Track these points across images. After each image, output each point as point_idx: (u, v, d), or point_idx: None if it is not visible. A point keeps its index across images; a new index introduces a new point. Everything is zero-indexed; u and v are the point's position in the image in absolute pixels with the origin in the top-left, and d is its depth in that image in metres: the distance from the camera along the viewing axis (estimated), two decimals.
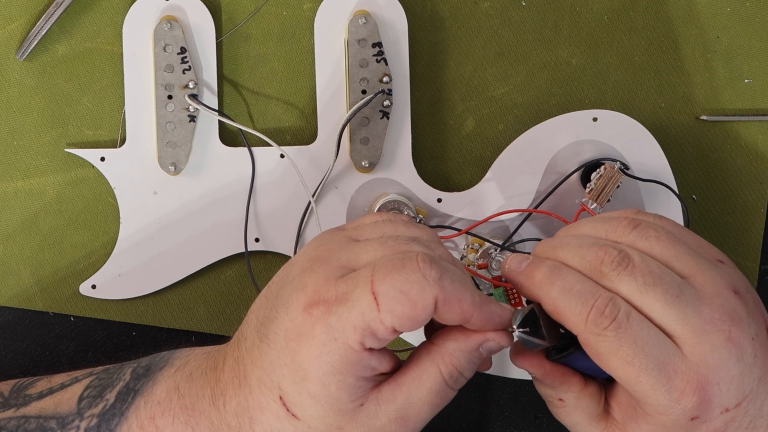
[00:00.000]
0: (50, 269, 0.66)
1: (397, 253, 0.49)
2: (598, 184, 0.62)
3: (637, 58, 0.66)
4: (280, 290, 0.51)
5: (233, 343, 0.53)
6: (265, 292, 0.52)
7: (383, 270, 0.48)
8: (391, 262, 0.48)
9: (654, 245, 0.50)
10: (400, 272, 0.48)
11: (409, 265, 0.48)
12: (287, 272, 0.51)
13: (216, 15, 0.65)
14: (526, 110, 0.66)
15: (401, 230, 0.51)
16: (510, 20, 0.66)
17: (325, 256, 0.50)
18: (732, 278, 0.51)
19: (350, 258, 0.50)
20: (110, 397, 0.54)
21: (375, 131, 0.64)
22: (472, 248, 0.64)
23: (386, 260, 0.48)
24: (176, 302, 0.66)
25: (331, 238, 0.51)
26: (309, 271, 0.50)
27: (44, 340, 0.66)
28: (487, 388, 0.67)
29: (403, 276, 0.48)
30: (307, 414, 0.49)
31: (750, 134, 0.67)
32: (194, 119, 0.64)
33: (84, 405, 0.54)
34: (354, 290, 0.48)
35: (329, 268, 0.49)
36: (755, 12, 0.66)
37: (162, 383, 0.53)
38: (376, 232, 0.51)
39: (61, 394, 0.56)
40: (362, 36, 0.63)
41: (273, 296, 0.51)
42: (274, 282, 0.52)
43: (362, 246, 0.50)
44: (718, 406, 0.49)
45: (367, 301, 0.48)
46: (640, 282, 0.49)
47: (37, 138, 0.66)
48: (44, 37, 0.65)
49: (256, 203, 0.65)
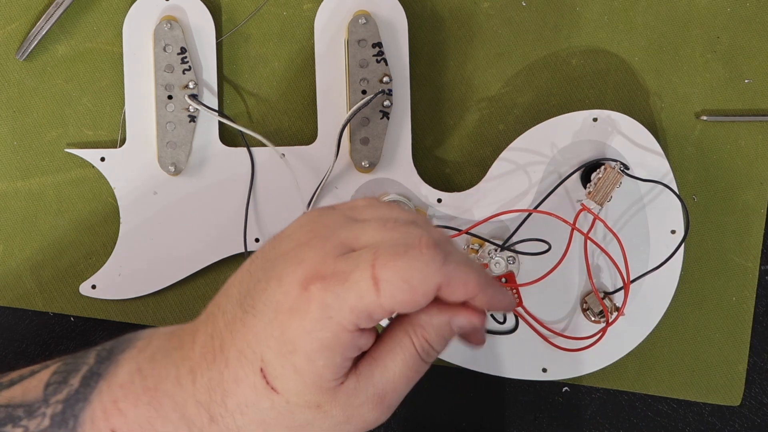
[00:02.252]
0: (50, 269, 0.66)
1: (399, 236, 0.48)
2: (598, 184, 0.62)
3: (637, 58, 0.66)
4: (269, 263, 0.50)
5: (205, 319, 0.52)
6: (249, 266, 0.51)
7: (386, 255, 0.47)
8: (394, 247, 0.47)
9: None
10: (403, 258, 0.47)
11: (412, 251, 0.47)
12: (275, 246, 0.50)
13: (216, 15, 0.65)
14: (526, 110, 0.66)
15: (397, 213, 0.51)
16: (510, 20, 0.66)
17: (323, 232, 0.49)
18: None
19: (350, 237, 0.49)
20: (74, 382, 0.53)
21: (375, 131, 0.64)
22: (472, 248, 0.64)
23: (389, 244, 0.48)
24: (176, 302, 0.66)
25: (326, 215, 0.50)
26: (306, 245, 0.49)
27: (44, 340, 0.66)
28: (487, 388, 0.67)
29: (406, 262, 0.47)
30: (287, 388, 0.49)
31: (750, 134, 0.67)
32: (194, 119, 0.64)
33: (50, 391, 0.54)
34: (354, 271, 0.47)
35: (328, 245, 0.48)
36: (755, 12, 0.66)
37: (124, 366, 0.53)
38: (374, 213, 0.51)
39: (29, 381, 0.55)
40: (362, 36, 0.63)
41: (259, 269, 0.50)
42: (259, 256, 0.51)
43: (361, 226, 0.49)
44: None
45: (366, 284, 0.47)
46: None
47: (37, 138, 0.66)
48: (44, 37, 0.65)
49: (256, 203, 0.65)
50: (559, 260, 0.62)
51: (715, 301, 0.67)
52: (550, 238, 0.62)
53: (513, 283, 0.63)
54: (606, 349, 0.65)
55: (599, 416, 0.68)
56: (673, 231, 0.65)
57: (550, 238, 0.62)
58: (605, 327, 0.63)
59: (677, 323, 0.67)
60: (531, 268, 0.64)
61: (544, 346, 0.64)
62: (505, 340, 0.65)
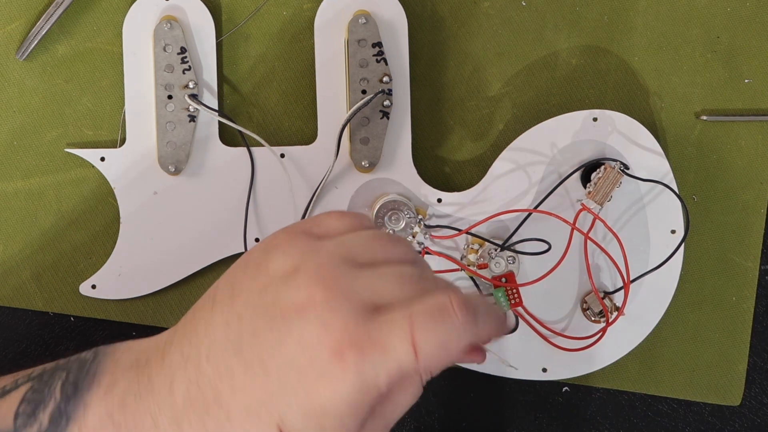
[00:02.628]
0: (50, 269, 0.66)
1: (427, 298, 0.48)
2: (598, 184, 0.62)
3: (637, 58, 0.66)
4: (270, 314, 0.48)
5: (182, 362, 0.50)
6: (232, 306, 0.49)
7: (423, 321, 0.47)
8: (429, 313, 0.47)
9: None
10: (440, 325, 0.47)
11: (448, 317, 0.47)
12: (271, 291, 0.48)
13: (216, 15, 0.65)
14: (526, 110, 0.66)
15: (392, 251, 0.50)
16: (510, 20, 0.66)
17: (338, 287, 0.48)
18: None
19: (371, 295, 0.48)
20: (43, 419, 0.52)
21: (375, 131, 0.64)
22: (472, 248, 0.64)
23: (422, 309, 0.47)
24: (176, 302, 0.66)
25: (322, 257, 0.48)
26: (327, 306, 0.47)
27: (44, 340, 0.66)
28: (487, 388, 0.67)
29: (443, 329, 0.47)
30: None
31: (750, 134, 0.67)
32: (194, 119, 0.64)
33: (20, 424, 0.52)
34: (391, 338, 0.47)
35: (353, 307, 0.47)
36: (755, 12, 0.66)
37: (93, 409, 0.51)
38: (372, 252, 0.50)
39: (0, 404, 0.54)
40: (362, 36, 0.63)
41: (254, 316, 0.48)
42: (245, 298, 0.49)
43: (378, 279, 0.48)
44: None
45: (406, 351, 0.47)
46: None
47: (37, 138, 0.66)
48: (44, 37, 0.65)
49: (256, 203, 0.65)
50: (559, 260, 0.62)
51: (715, 301, 0.67)
52: (550, 238, 0.62)
53: (513, 283, 0.63)
54: (606, 349, 0.65)
55: (599, 416, 0.68)
56: (673, 231, 0.65)
57: (550, 238, 0.62)
58: (605, 327, 0.63)
59: (677, 323, 0.67)
60: (531, 267, 0.64)
61: (544, 346, 0.64)
62: (505, 340, 0.65)
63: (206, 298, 0.51)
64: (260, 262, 0.49)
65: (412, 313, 0.47)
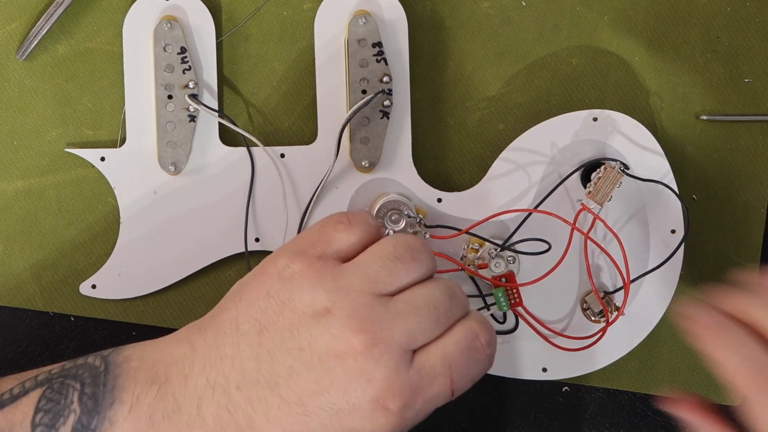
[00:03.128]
0: (50, 269, 0.66)
1: (460, 338, 0.50)
2: (598, 184, 0.62)
3: (637, 58, 0.66)
4: (307, 356, 0.49)
5: (209, 386, 0.51)
6: (259, 339, 0.50)
7: (458, 363, 0.50)
8: (464, 353, 0.50)
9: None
10: (473, 363, 0.51)
11: (478, 354, 0.51)
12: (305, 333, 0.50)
13: (216, 15, 0.65)
14: (526, 110, 0.66)
15: (415, 271, 0.51)
16: (510, 20, 0.66)
17: (376, 334, 0.49)
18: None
19: (409, 340, 0.49)
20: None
21: (375, 131, 0.64)
22: (472, 248, 0.64)
23: (458, 350, 0.50)
24: (176, 302, 0.66)
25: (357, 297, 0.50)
26: (368, 357, 0.49)
27: (44, 340, 0.66)
28: (488, 388, 0.67)
29: (476, 367, 0.51)
30: None
31: (750, 134, 0.67)
32: (194, 119, 0.64)
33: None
34: (432, 387, 0.49)
35: (393, 356, 0.49)
36: (755, 12, 0.66)
37: (120, 427, 0.52)
38: (398, 278, 0.51)
39: (12, 411, 0.54)
40: (362, 36, 0.63)
41: (287, 354, 0.50)
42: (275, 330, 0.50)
43: (412, 318, 0.50)
44: None
45: (446, 395, 0.50)
46: None
47: (37, 138, 0.66)
48: (44, 37, 0.65)
49: (256, 203, 0.65)
50: (559, 260, 0.62)
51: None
52: (550, 238, 0.62)
53: (513, 282, 0.63)
54: (606, 349, 0.65)
55: (599, 416, 0.68)
56: (673, 231, 0.65)
57: (550, 238, 0.62)
58: (605, 327, 0.63)
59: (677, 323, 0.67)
60: (531, 267, 0.64)
61: (544, 346, 0.64)
62: (505, 340, 0.65)
63: (227, 323, 0.52)
64: (285, 296, 0.50)
65: (448, 355, 0.50)
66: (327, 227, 0.52)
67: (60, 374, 0.55)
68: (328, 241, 0.52)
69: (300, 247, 0.52)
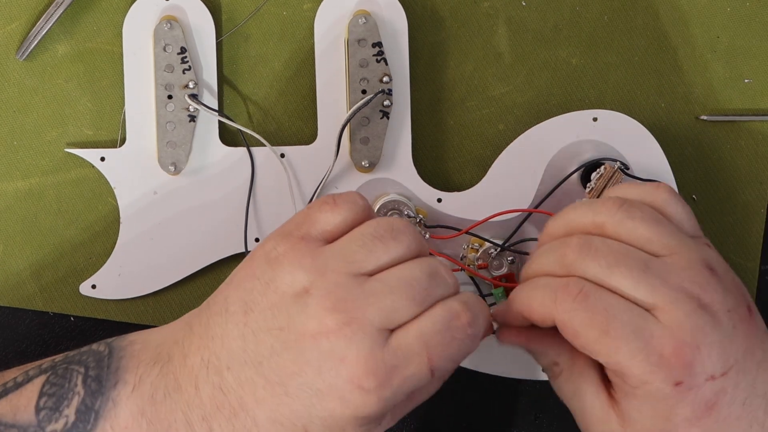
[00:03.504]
0: (50, 269, 0.66)
1: (438, 316, 0.50)
2: (598, 184, 0.62)
3: (637, 58, 0.66)
4: (285, 338, 0.49)
5: (202, 364, 0.51)
6: (245, 320, 0.51)
7: (436, 343, 0.49)
8: (442, 332, 0.49)
9: (638, 225, 0.51)
10: (452, 345, 0.50)
11: (457, 333, 0.50)
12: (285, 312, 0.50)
13: (216, 15, 0.65)
14: (526, 110, 0.66)
15: (395, 250, 0.51)
16: (510, 20, 0.66)
17: (350, 313, 0.49)
18: (710, 257, 0.52)
19: (384, 320, 0.49)
20: (69, 413, 0.53)
21: (375, 131, 0.64)
22: (472, 248, 0.64)
23: (434, 331, 0.49)
24: (176, 302, 0.66)
25: (331, 275, 0.49)
26: (341, 336, 0.48)
27: (44, 340, 0.66)
28: (488, 388, 0.67)
29: (455, 346, 0.50)
30: None
31: (750, 134, 0.67)
32: (194, 119, 0.64)
33: (43, 418, 0.53)
34: (408, 366, 0.49)
35: (367, 336, 0.48)
36: (755, 12, 0.66)
37: (123, 406, 0.52)
38: (376, 258, 0.50)
39: (17, 397, 0.54)
40: (362, 36, 0.63)
41: (269, 336, 0.50)
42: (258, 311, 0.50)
43: (388, 297, 0.49)
44: (701, 371, 0.49)
45: (424, 374, 0.49)
46: (603, 264, 0.50)
47: (37, 138, 0.66)
48: (44, 37, 0.65)
49: (256, 203, 0.65)
50: None
51: None
52: None
53: (513, 283, 0.63)
54: None
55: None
56: None
57: None
58: None
59: None
60: None
61: None
62: None
63: (218, 305, 0.52)
64: (268, 277, 0.51)
65: (425, 334, 0.49)
66: (313, 208, 0.52)
67: (64, 361, 0.55)
68: (313, 221, 0.52)
69: (286, 230, 0.52)
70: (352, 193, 0.53)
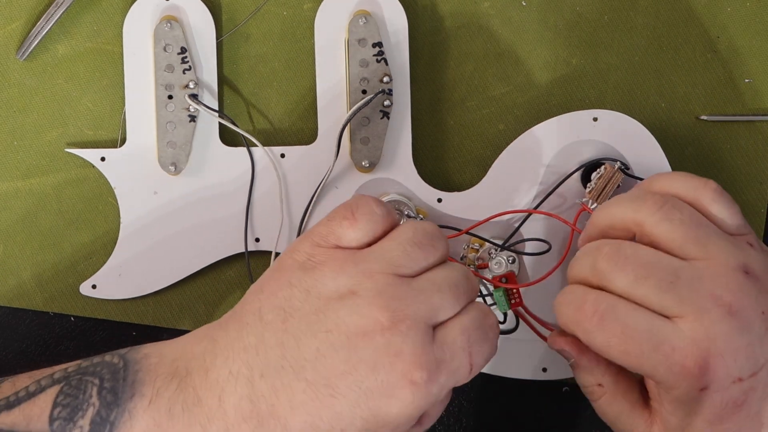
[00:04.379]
0: (50, 269, 0.66)
1: (476, 315, 0.53)
2: (598, 184, 0.62)
3: (637, 58, 0.66)
4: (334, 337, 0.50)
5: (230, 378, 0.52)
6: (283, 324, 0.51)
7: (476, 338, 0.52)
8: (481, 333, 0.52)
9: (676, 228, 0.53)
10: (488, 343, 0.53)
11: (492, 335, 0.53)
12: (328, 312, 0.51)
13: (216, 15, 0.65)
14: (526, 110, 0.66)
15: (432, 255, 0.53)
16: (510, 20, 0.66)
17: (401, 311, 0.51)
18: (748, 258, 0.52)
19: (430, 316, 0.51)
20: (84, 424, 0.53)
21: (375, 131, 0.64)
22: (472, 248, 0.64)
23: (474, 325, 0.52)
24: (176, 302, 0.66)
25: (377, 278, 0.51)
26: (395, 332, 0.50)
27: (44, 340, 0.66)
28: (488, 388, 0.67)
29: (490, 347, 0.53)
30: None
31: (750, 134, 0.67)
32: (194, 119, 0.64)
33: (57, 428, 0.53)
34: (454, 361, 0.51)
35: (419, 333, 0.50)
36: (755, 12, 0.66)
37: (139, 419, 0.52)
38: (416, 262, 0.53)
39: (29, 407, 0.54)
40: (362, 36, 0.63)
41: (313, 338, 0.51)
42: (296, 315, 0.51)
43: (433, 296, 0.52)
44: (727, 376, 0.51)
45: (465, 370, 0.52)
46: (631, 277, 0.52)
47: (37, 138, 0.66)
48: (44, 37, 0.65)
49: (257, 203, 0.65)
50: (559, 261, 0.62)
51: None
52: (551, 238, 0.62)
53: (513, 283, 0.63)
54: None
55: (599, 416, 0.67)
56: None
57: (551, 238, 0.62)
58: None
59: None
60: (531, 267, 0.64)
61: (544, 346, 0.64)
62: (505, 340, 0.65)
63: (250, 314, 0.52)
64: (308, 284, 0.52)
65: (467, 329, 0.52)
66: (334, 222, 0.54)
67: (77, 372, 0.55)
68: (338, 236, 0.53)
69: (314, 241, 0.53)
70: (368, 201, 0.54)
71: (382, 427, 0.51)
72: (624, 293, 0.52)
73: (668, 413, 0.53)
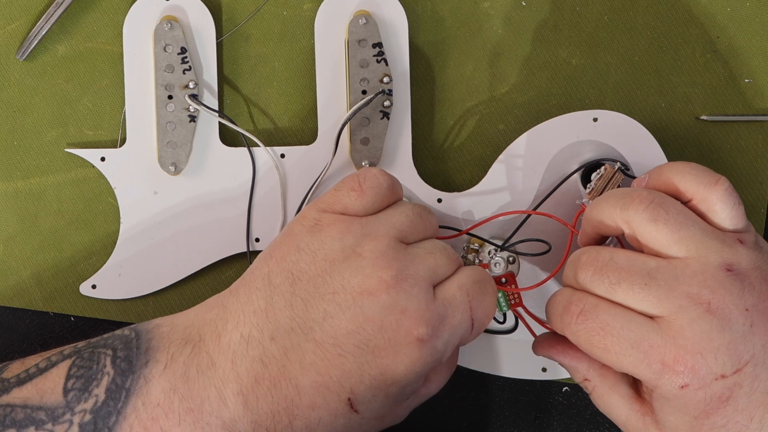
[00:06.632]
0: (50, 269, 0.66)
1: (471, 272, 0.55)
2: (598, 185, 0.62)
3: (637, 58, 0.66)
4: (341, 297, 0.52)
5: (242, 341, 0.53)
6: (292, 288, 0.53)
7: (475, 294, 0.54)
8: (479, 287, 0.55)
9: (660, 228, 0.53)
10: (485, 297, 0.55)
11: (489, 285, 0.56)
12: (333, 273, 0.53)
13: (216, 15, 0.65)
14: (526, 110, 0.66)
15: (430, 227, 0.57)
16: (510, 20, 0.66)
17: (403, 271, 0.53)
18: (734, 256, 0.53)
19: (432, 275, 0.54)
20: (99, 393, 0.53)
21: (375, 131, 0.64)
22: (472, 248, 0.64)
23: (472, 282, 0.55)
24: (176, 302, 0.66)
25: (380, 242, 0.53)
26: (399, 290, 0.52)
27: (44, 340, 0.66)
28: (487, 388, 0.67)
29: (488, 301, 0.55)
30: (370, 409, 0.52)
31: (750, 134, 0.67)
32: (194, 119, 0.64)
33: (72, 398, 0.54)
34: (455, 315, 0.53)
35: (422, 291, 0.53)
36: (755, 12, 0.66)
37: (155, 383, 0.53)
38: (417, 232, 0.56)
39: (42, 381, 0.55)
40: (362, 36, 0.63)
41: (321, 299, 0.52)
42: (304, 279, 0.53)
43: (431, 257, 0.54)
44: (708, 373, 0.51)
45: (467, 325, 0.54)
46: (607, 283, 0.53)
47: (37, 138, 0.66)
48: (44, 37, 0.65)
49: (257, 203, 0.65)
50: (560, 262, 0.62)
51: None
52: (551, 238, 0.62)
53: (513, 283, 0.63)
54: None
55: (599, 416, 0.68)
56: None
57: (551, 238, 0.62)
58: None
59: None
60: (531, 267, 0.64)
61: None
62: (505, 340, 0.65)
63: (259, 280, 0.54)
64: (315, 246, 0.54)
65: (464, 285, 0.54)
66: (341, 192, 0.56)
67: (88, 346, 0.56)
68: (344, 206, 0.55)
69: (321, 207, 0.55)
70: (376, 174, 0.56)
71: (390, 385, 0.52)
72: (606, 297, 0.53)
73: (657, 407, 0.54)
